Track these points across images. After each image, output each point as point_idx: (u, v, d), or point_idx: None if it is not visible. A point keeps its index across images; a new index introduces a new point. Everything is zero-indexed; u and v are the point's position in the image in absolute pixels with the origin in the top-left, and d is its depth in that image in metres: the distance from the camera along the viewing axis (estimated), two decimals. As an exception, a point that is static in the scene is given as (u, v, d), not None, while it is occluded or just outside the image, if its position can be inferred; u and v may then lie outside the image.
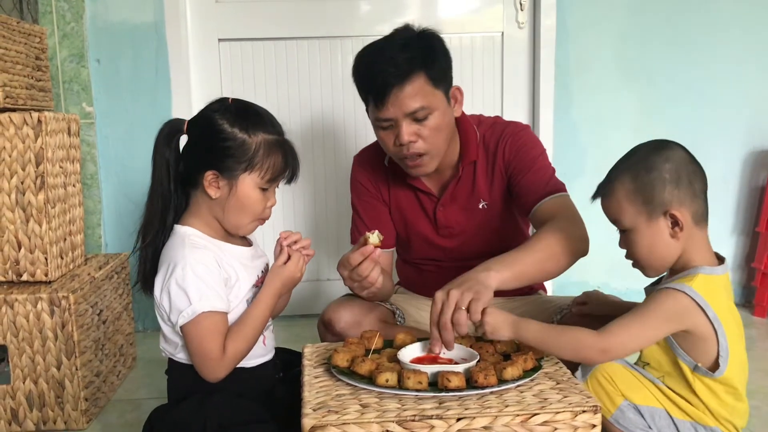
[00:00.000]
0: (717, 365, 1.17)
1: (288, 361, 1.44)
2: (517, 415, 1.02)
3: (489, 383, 1.08)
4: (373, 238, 1.38)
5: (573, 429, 1.03)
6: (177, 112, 2.30)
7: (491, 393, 1.08)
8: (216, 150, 1.26)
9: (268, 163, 1.27)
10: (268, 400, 1.30)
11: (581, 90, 2.42)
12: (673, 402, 1.21)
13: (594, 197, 1.26)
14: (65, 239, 1.75)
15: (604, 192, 1.25)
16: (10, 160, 1.62)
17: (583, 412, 1.03)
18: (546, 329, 1.20)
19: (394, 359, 1.20)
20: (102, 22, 2.27)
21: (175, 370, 1.33)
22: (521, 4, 2.39)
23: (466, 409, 1.03)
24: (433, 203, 1.64)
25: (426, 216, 1.66)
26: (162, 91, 2.31)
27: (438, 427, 1.01)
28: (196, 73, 2.37)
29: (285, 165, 1.30)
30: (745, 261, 2.56)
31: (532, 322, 1.20)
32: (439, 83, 1.45)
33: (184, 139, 1.33)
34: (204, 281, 1.22)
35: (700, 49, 2.41)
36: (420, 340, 1.26)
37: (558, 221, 1.40)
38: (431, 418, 1.01)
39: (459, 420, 1.01)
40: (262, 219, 1.33)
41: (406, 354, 1.21)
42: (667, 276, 1.26)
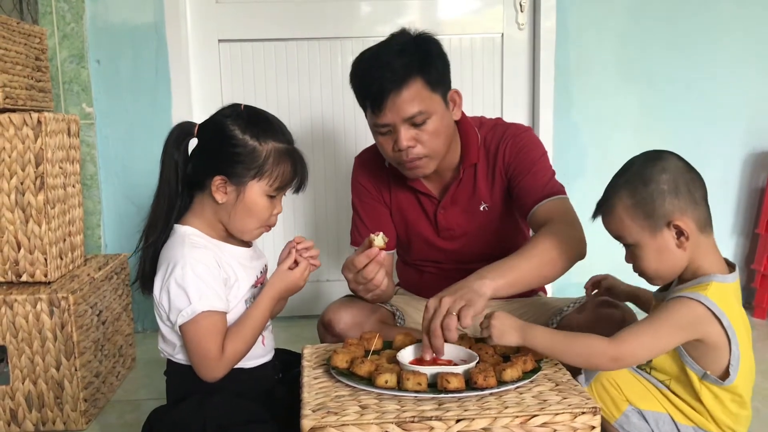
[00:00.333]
0: (727, 374, 1.16)
1: (287, 362, 1.44)
2: (517, 417, 1.02)
3: (488, 384, 1.08)
4: (378, 240, 1.37)
5: (572, 430, 1.03)
6: (177, 112, 2.30)
7: (490, 394, 1.08)
8: (226, 155, 1.26)
9: (277, 172, 1.27)
10: (267, 400, 1.30)
11: (581, 91, 2.42)
12: (677, 407, 1.21)
13: (594, 216, 1.24)
14: (65, 240, 1.75)
15: (603, 210, 1.23)
16: (9, 160, 1.62)
17: (583, 413, 1.03)
18: (555, 336, 1.18)
19: (393, 360, 1.20)
20: (102, 22, 2.27)
21: (174, 371, 1.33)
22: (521, 5, 2.39)
23: (465, 411, 1.03)
24: (434, 205, 1.64)
25: (427, 218, 1.66)
26: (162, 92, 2.31)
27: (437, 429, 1.01)
28: (196, 74, 2.37)
29: (294, 174, 1.30)
30: (745, 262, 2.55)
31: (540, 327, 1.19)
32: (437, 87, 1.45)
33: (192, 143, 1.33)
34: (204, 281, 1.22)
35: (700, 51, 2.41)
36: (419, 341, 1.26)
37: (554, 225, 1.40)
38: (430, 419, 1.01)
39: (458, 421, 1.01)
40: (267, 226, 1.33)
41: (405, 355, 1.21)
42: (676, 283, 1.24)
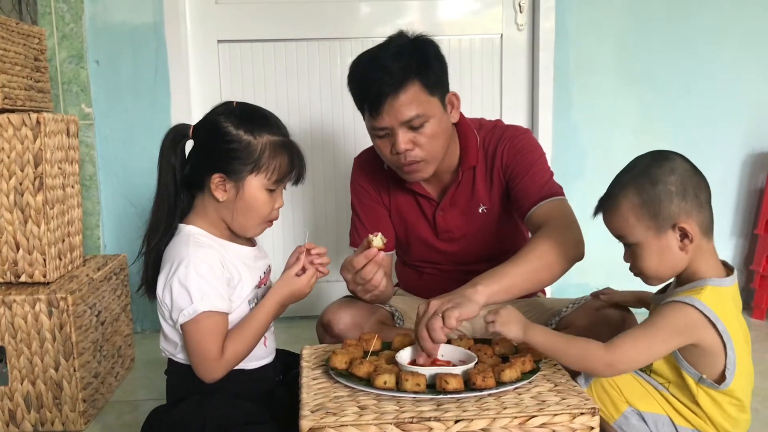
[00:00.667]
0: (723, 377, 1.16)
1: (287, 363, 1.44)
2: (515, 417, 1.02)
3: (487, 385, 1.08)
4: (377, 240, 1.37)
5: (571, 431, 1.03)
6: (176, 113, 2.30)
7: (489, 395, 1.08)
8: (222, 152, 1.26)
9: (274, 164, 1.27)
10: (267, 400, 1.30)
11: (581, 92, 2.42)
12: (677, 410, 1.21)
13: (595, 213, 1.23)
14: (64, 240, 1.75)
15: (606, 207, 1.21)
16: (8, 161, 1.62)
17: (581, 414, 1.04)
18: (555, 337, 1.19)
19: (392, 361, 1.19)
20: (101, 23, 2.27)
21: (175, 370, 1.33)
22: (520, 6, 2.39)
23: (464, 411, 1.03)
24: (433, 207, 1.64)
25: (426, 220, 1.66)
26: (161, 93, 2.31)
27: (436, 429, 1.01)
28: (195, 75, 2.37)
29: (291, 166, 1.30)
30: (744, 263, 2.56)
31: (541, 327, 1.19)
32: (435, 90, 1.45)
33: (189, 145, 1.33)
34: (206, 280, 1.22)
35: (699, 52, 2.41)
36: (419, 342, 1.26)
37: (551, 227, 1.39)
38: (429, 420, 1.01)
39: (457, 422, 1.01)
40: (270, 220, 1.33)
41: (404, 356, 1.21)
42: (674, 285, 1.24)
